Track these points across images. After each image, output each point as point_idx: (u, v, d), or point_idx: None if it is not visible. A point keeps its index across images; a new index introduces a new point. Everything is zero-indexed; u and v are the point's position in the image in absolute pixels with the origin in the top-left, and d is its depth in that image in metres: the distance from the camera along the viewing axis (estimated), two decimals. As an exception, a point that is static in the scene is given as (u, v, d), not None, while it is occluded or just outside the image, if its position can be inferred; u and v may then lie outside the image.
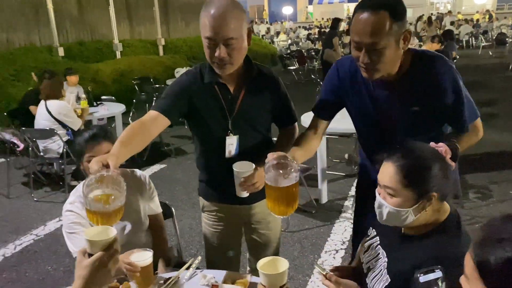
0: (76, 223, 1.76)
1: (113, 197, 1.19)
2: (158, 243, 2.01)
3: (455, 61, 7.49)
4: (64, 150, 4.37)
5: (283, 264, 1.24)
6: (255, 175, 1.59)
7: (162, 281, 1.61)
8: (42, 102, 4.52)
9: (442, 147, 1.37)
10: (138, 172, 2.03)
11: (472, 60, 13.94)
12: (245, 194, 1.64)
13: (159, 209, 2.09)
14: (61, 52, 9.34)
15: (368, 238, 1.57)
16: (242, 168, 1.61)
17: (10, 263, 3.30)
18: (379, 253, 1.45)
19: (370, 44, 1.46)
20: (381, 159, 1.40)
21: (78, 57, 9.87)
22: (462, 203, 3.83)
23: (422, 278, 1.11)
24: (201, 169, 1.92)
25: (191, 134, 1.91)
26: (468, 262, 0.89)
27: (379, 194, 1.39)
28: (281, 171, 1.35)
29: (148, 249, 1.59)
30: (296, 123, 1.91)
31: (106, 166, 1.29)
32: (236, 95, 1.73)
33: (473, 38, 18.78)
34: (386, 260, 1.40)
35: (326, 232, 3.56)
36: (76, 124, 4.60)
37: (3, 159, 4.92)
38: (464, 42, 18.58)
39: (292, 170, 1.35)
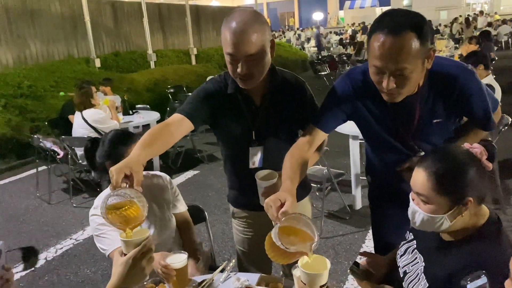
0: (102, 224, 1.80)
1: (133, 224, 1.13)
2: (187, 239, 2.04)
3: (493, 62, 7.24)
4: (102, 157, 4.49)
5: (325, 264, 1.16)
6: (278, 185, 1.54)
7: (196, 284, 1.63)
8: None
9: (477, 148, 1.28)
10: (158, 173, 2.08)
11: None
12: None
13: (183, 207, 2.11)
14: (97, 63, 9.72)
15: (405, 242, 1.53)
16: (265, 178, 1.58)
17: (51, 266, 3.42)
18: (416, 257, 1.42)
19: (396, 70, 1.34)
20: (409, 167, 1.36)
21: (114, 67, 10.24)
22: (504, 208, 3.68)
23: (470, 286, 1.05)
24: (228, 176, 1.92)
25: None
26: None
27: (413, 200, 1.33)
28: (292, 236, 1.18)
29: (183, 251, 1.62)
30: None
31: (129, 177, 1.25)
32: (260, 106, 1.70)
33: (513, 39, 18.15)
34: (424, 265, 1.36)
35: (361, 238, 3.51)
36: (112, 131, 4.73)
37: (44, 167, 5.11)
38: (503, 43, 17.95)
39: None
